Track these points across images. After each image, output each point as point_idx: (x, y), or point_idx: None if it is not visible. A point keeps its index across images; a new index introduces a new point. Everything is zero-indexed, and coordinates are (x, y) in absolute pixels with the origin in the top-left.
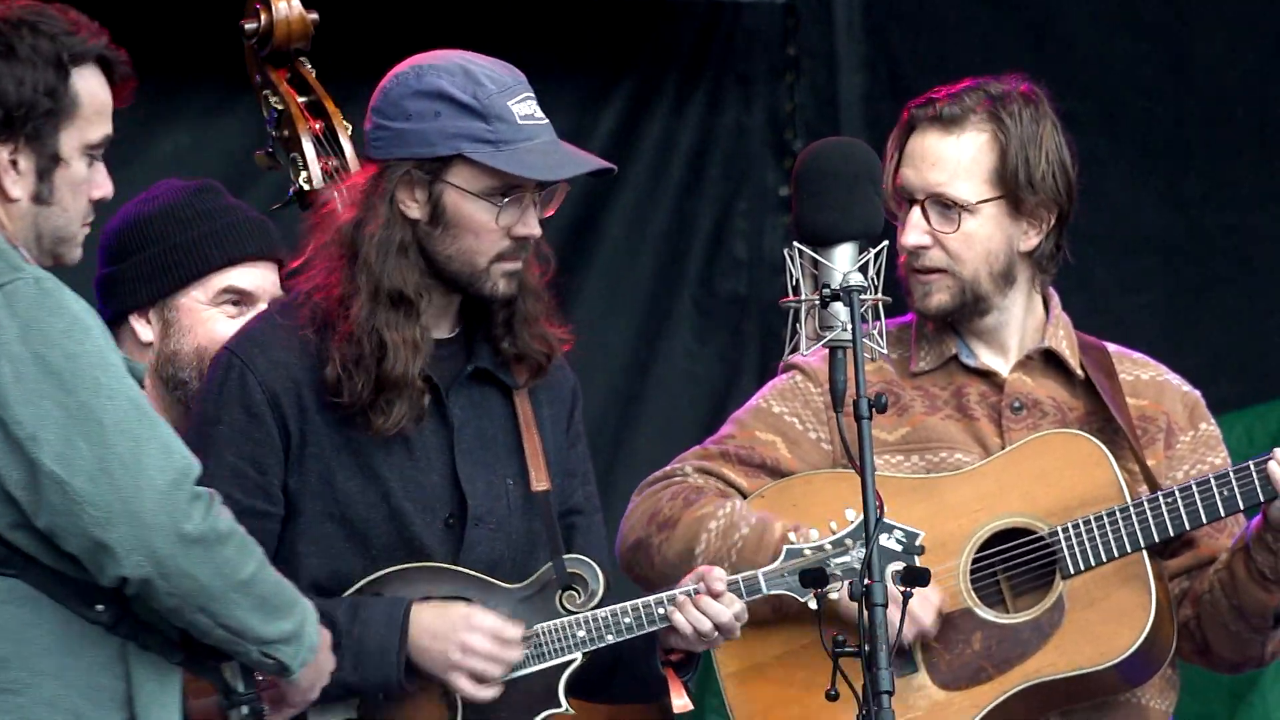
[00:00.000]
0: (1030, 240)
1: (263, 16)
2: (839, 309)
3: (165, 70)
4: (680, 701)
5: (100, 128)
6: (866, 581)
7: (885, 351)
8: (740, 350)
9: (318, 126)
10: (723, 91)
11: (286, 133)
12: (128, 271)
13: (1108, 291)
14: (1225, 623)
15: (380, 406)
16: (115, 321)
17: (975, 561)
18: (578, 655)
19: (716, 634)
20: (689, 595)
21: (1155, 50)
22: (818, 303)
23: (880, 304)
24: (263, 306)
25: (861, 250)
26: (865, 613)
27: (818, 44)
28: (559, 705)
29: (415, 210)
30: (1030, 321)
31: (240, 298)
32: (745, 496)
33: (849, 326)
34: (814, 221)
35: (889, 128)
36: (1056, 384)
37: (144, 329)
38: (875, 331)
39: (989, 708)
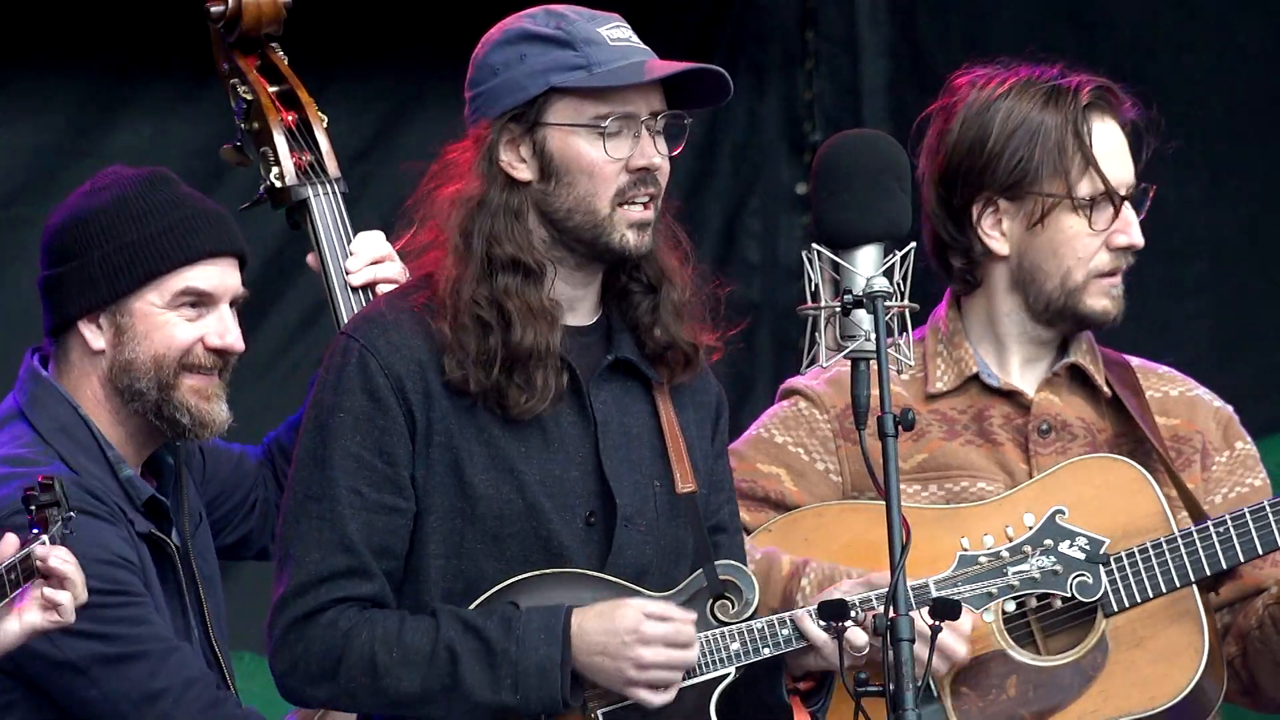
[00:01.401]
0: None
1: None
2: (862, 316)
3: (125, 56)
4: None
5: None
6: (891, 615)
7: (913, 363)
8: (752, 363)
9: (290, 118)
10: (733, 79)
11: (256, 125)
12: (75, 273)
13: (1152, 298)
14: (1276, 658)
15: (517, 384)
16: (62, 328)
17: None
18: (731, 670)
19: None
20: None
21: (1205, 33)
22: (839, 310)
23: (907, 311)
24: (225, 307)
25: (887, 253)
26: (890, 649)
27: (838, 28)
28: None
29: (524, 170)
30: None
31: (199, 299)
32: (749, 533)
33: (872, 336)
34: (835, 221)
35: (914, 117)
36: (1084, 403)
37: (94, 336)
38: (901, 341)
39: None
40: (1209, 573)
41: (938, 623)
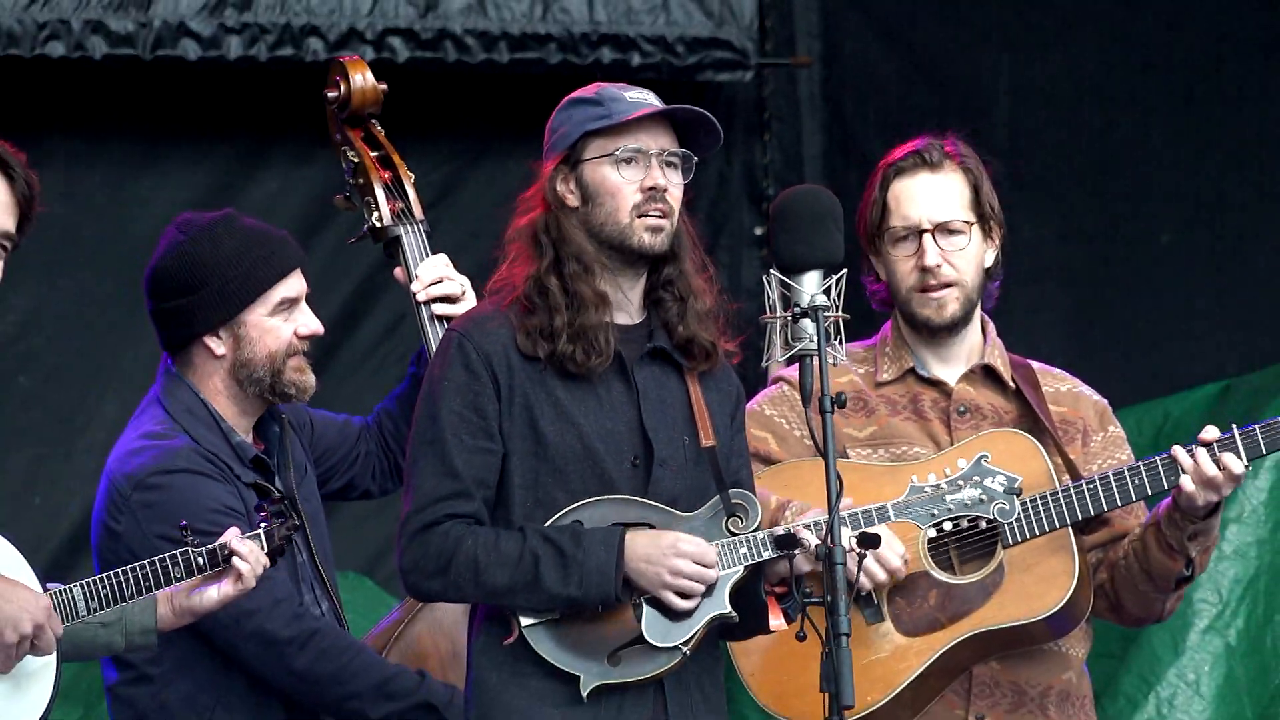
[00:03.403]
0: (989, 258)
1: (342, 86)
2: (807, 324)
3: (260, 129)
4: (777, 622)
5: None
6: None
7: (846, 360)
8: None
9: (387, 176)
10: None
11: (361, 180)
12: (199, 301)
13: (1017, 313)
14: (1136, 584)
15: (583, 348)
16: (187, 342)
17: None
18: (740, 568)
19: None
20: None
21: (1056, 118)
22: (789, 319)
23: (841, 320)
24: (304, 304)
25: (826, 276)
26: (828, 569)
27: (785, 110)
28: (724, 608)
29: (572, 199)
30: (973, 342)
31: (291, 304)
32: None
33: (815, 339)
34: (787, 253)
35: (843, 178)
36: (994, 393)
37: (217, 345)
38: (836, 343)
39: (941, 651)
40: (1080, 517)
41: (863, 550)
